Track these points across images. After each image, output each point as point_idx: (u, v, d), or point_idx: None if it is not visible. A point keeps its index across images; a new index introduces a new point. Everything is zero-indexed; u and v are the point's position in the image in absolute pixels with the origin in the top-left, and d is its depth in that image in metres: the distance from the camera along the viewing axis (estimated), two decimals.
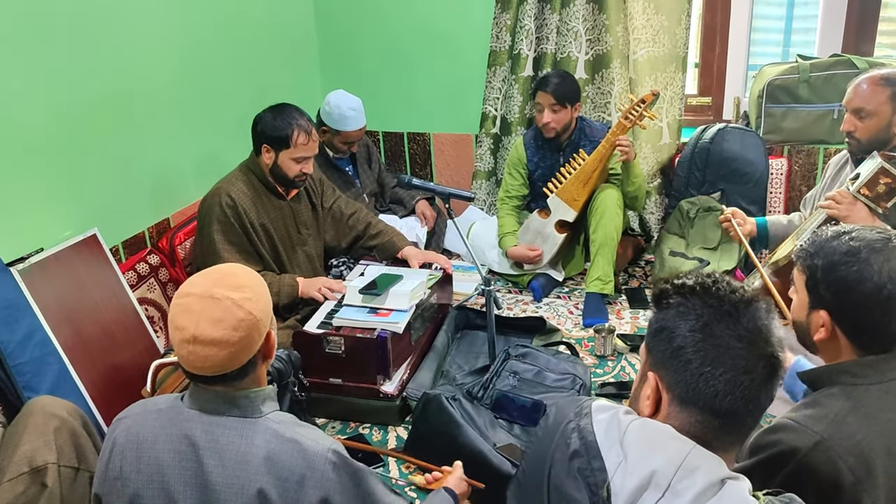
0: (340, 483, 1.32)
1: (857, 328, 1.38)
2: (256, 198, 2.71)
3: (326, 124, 3.34)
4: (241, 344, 1.30)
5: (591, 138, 3.33)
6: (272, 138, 2.63)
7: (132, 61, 2.77)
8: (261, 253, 2.71)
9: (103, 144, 2.65)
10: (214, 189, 2.69)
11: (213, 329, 1.27)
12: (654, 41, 3.53)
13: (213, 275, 1.36)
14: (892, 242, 1.37)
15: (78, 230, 2.50)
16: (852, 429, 1.30)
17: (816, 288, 1.41)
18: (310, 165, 2.70)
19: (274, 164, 2.67)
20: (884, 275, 1.33)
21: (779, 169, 3.50)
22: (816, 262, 1.41)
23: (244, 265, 1.45)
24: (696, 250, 3.39)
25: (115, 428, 1.40)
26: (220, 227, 2.63)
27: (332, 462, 1.31)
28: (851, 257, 1.37)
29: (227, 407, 1.33)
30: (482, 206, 3.96)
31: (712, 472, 1.05)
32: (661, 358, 1.13)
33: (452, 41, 3.89)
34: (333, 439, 1.39)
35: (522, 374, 2.56)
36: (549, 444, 1.17)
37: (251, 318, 1.30)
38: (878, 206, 2.33)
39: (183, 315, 1.30)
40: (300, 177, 2.70)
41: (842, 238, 1.41)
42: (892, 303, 1.33)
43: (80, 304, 2.38)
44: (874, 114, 2.42)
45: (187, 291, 1.33)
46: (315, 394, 2.50)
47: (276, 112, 2.66)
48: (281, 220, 2.79)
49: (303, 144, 2.64)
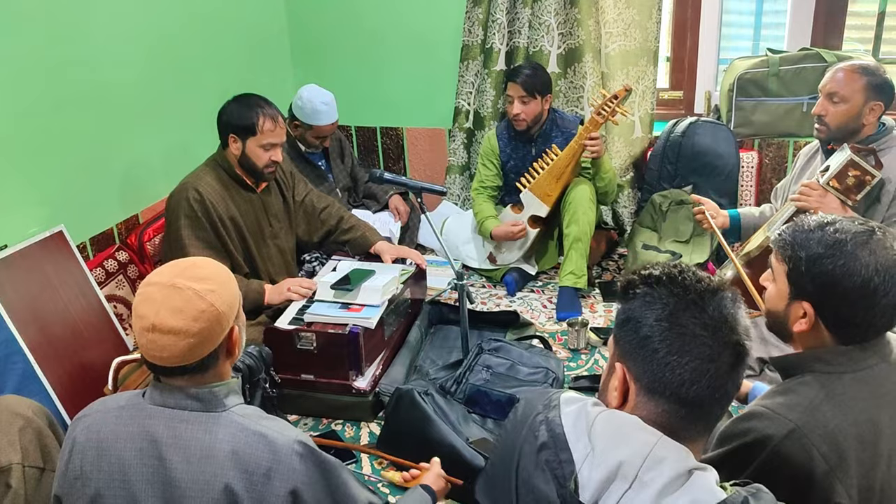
0: (308, 474, 1.31)
1: (840, 321, 1.37)
2: (225, 191, 2.67)
3: (299, 119, 3.31)
4: (201, 335, 1.28)
5: (564, 129, 3.34)
6: (238, 127, 2.60)
7: (100, 56, 2.72)
8: (229, 249, 2.67)
9: (70, 140, 2.61)
10: (181, 184, 2.64)
11: (173, 318, 1.26)
12: (626, 35, 3.54)
13: (179, 265, 1.35)
14: (876, 235, 1.35)
15: (44, 227, 2.46)
16: (826, 417, 1.30)
17: (799, 280, 1.39)
18: (278, 153, 2.66)
19: (242, 154, 2.63)
20: (871, 269, 1.32)
21: (749, 162, 3.53)
22: (800, 254, 1.38)
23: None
24: (668, 243, 3.41)
25: (74, 427, 1.37)
26: (187, 222, 2.59)
27: (298, 453, 1.30)
28: (837, 250, 1.34)
29: (190, 401, 1.31)
30: (456, 200, 3.95)
31: (679, 463, 1.05)
32: (628, 348, 1.14)
33: (425, 35, 3.87)
34: (300, 430, 1.38)
35: (495, 368, 2.56)
36: (518, 437, 1.17)
37: (213, 310, 1.29)
38: (848, 199, 2.35)
39: (144, 304, 1.29)
40: (269, 166, 2.66)
41: (826, 229, 1.38)
42: (877, 297, 1.32)
43: (46, 302, 2.34)
44: (846, 100, 2.43)
45: (151, 281, 1.32)
46: (287, 390, 2.49)
47: (241, 101, 2.62)
48: (251, 212, 2.75)
49: (269, 130, 2.60)
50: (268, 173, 2.70)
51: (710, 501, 1.02)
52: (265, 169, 2.66)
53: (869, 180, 2.32)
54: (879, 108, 2.42)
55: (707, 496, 1.03)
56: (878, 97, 2.41)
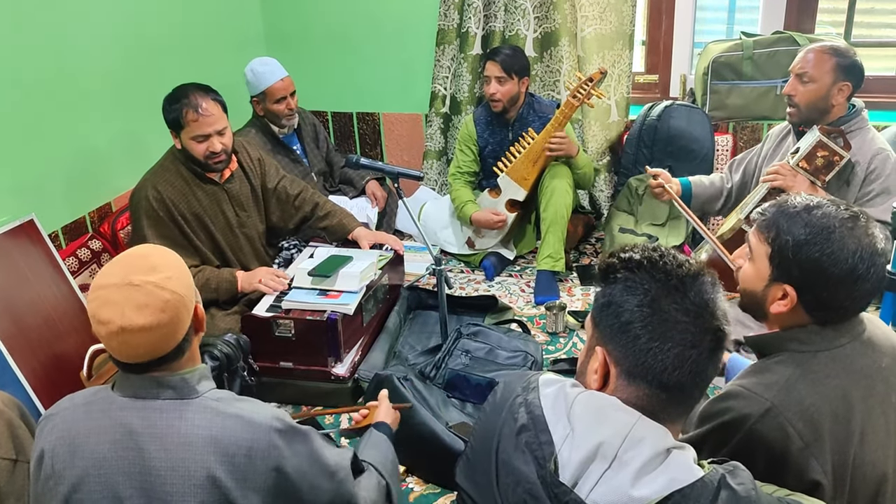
0: (290, 448, 1.31)
1: (820, 304, 1.37)
2: (185, 186, 2.61)
3: (253, 95, 3.24)
4: (171, 325, 1.26)
5: (541, 114, 3.34)
6: (170, 123, 2.53)
7: (70, 41, 2.68)
8: (196, 245, 2.63)
9: (39, 127, 2.56)
10: (142, 181, 2.59)
11: (140, 316, 1.23)
12: (602, 18, 3.53)
13: (125, 260, 1.31)
14: (861, 221, 1.36)
15: (14, 216, 2.42)
16: (801, 394, 1.32)
17: (784, 264, 1.38)
18: (215, 143, 2.54)
19: (182, 148, 2.57)
20: (856, 256, 1.32)
21: (724, 145, 3.55)
22: (786, 238, 1.37)
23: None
24: (645, 226, 3.43)
25: (43, 426, 1.34)
26: (149, 222, 2.54)
27: (277, 430, 1.30)
28: (825, 237, 1.34)
29: (162, 390, 1.29)
30: (433, 185, 3.94)
31: (658, 443, 1.06)
32: (609, 333, 1.14)
33: (400, 19, 3.84)
34: (274, 408, 1.37)
35: (474, 352, 2.56)
36: (497, 420, 1.17)
37: (176, 297, 1.27)
38: (818, 179, 2.38)
39: (104, 308, 1.24)
40: (210, 157, 2.56)
41: (814, 213, 1.37)
42: (859, 283, 1.33)
43: (17, 291, 2.30)
44: (814, 80, 2.46)
45: (103, 283, 1.27)
46: (266, 378, 2.47)
47: (171, 95, 2.54)
48: (216, 205, 2.69)
49: (193, 121, 2.50)
50: (214, 164, 2.59)
51: (688, 479, 1.03)
52: (208, 160, 2.57)
53: (837, 161, 2.35)
54: (847, 88, 2.45)
55: (685, 474, 1.04)
56: (846, 77, 2.44)
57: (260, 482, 1.28)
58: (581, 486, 1.05)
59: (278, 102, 3.24)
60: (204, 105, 2.50)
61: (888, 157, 2.45)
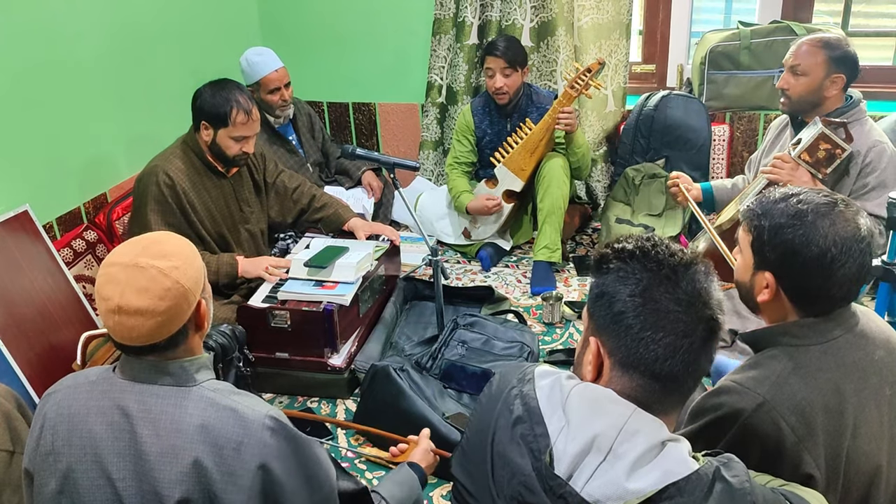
0: (279, 448, 1.30)
1: (799, 291, 1.38)
2: (196, 176, 2.62)
3: (247, 85, 3.23)
4: (168, 313, 1.26)
5: (538, 104, 3.33)
6: (211, 115, 2.54)
7: (63, 29, 2.65)
8: (200, 235, 2.63)
9: (33, 117, 2.55)
10: (151, 166, 2.58)
11: (139, 299, 1.24)
12: (598, 8, 3.52)
13: (140, 243, 1.32)
14: (838, 207, 1.36)
15: (8, 206, 2.41)
16: (794, 389, 1.32)
17: (762, 249, 1.40)
18: (250, 145, 2.61)
19: (213, 141, 2.58)
20: (829, 240, 1.33)
21: (721, 135, 3.54)
22: (763, 224, 1.39)
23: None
24: (641, 217, 3.43)
25: (45, 402, 1.35)
26: (156, 206, 2.53)
27: (269, 427, 1.29)
28: (798, 220, 1.35)
29: (160, 376, 1.30)
30: (429, 176, 3.94)
31: (653, 435, 1.06)
32: (603, 323, 1.13)
33: (396, 9, 3.82)
34: (271, 406, 1.37)
35: (471, 343, 2.57)
36: (493, 411, 1.17)
37: (178, 287, 1.27)
38: (819, 172, 2.37)
39: (108, 285, 1.26)
40: (240, 156, 2.62)
41: (790, 200, 1.39)
42: (834, 268, 1.33)
43: (12, 282, 2.30)
44: (807, 73, 2.46)
45: (113, 261, 1.29)
46: (261, 369, 2.48)
47: (216, 88, 2.55)
48: (222, 199, 2.70)
49: (242, 123, 2.54)
50: (239, 161, 2.66)
51: (683, 472, 1.03)
52: (236, 157, 2.62)
53: (839, 154, 2.34)
54: (841, 80, 2.44)
55: (680, 467, 1.04)
56: (838, 69, 2.43)
57: (246, 480, 1.26)
58: (576, 479, 1.05)
59: (273, 93, 3.25)
60: (253, 110, 2.57)
61: (884, 150, 2.43)
